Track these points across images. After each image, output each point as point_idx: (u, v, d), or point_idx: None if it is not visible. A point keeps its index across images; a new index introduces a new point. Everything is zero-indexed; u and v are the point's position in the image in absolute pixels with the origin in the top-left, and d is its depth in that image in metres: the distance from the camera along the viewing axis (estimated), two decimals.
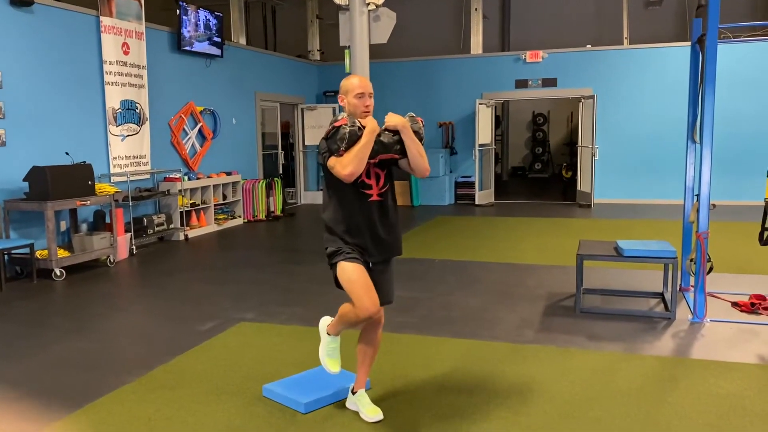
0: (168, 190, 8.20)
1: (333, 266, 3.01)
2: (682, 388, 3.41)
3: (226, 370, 3.79)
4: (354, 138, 2.85)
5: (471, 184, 11.85)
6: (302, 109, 12.37)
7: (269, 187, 10.34)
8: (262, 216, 10.19)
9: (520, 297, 5.33)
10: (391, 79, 12.45)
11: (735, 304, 4.93)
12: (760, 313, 4.73)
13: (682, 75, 11.08)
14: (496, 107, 13.81)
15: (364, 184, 2.97)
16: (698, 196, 4.56)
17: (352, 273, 2.92)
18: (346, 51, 7.13)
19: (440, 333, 4.41)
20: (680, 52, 11.15)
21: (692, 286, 5.38)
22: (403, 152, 2.97)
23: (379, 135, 2.91)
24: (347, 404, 3.25)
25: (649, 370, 3.68)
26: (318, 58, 13.14)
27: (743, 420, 3.03)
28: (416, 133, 2.97)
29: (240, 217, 9.88)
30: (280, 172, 11.81)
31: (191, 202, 8.72)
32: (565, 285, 5.70)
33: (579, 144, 11.83)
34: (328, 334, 3.16)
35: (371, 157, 2.89)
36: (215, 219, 9.25)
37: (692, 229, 5.37)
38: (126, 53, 7.82)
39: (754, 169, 10.82)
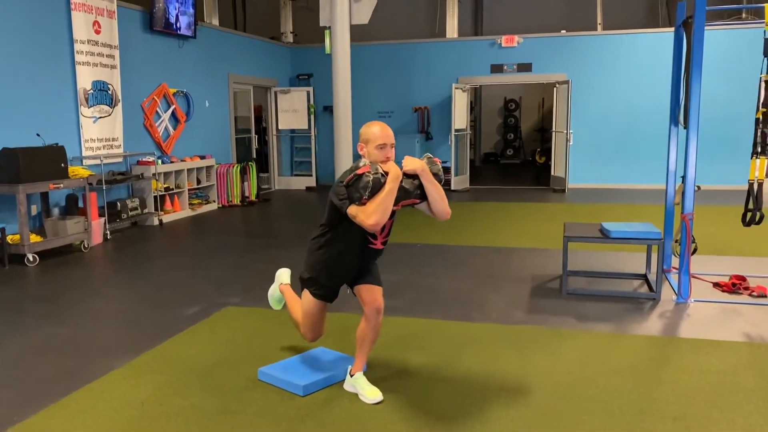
0: (142, 174, 8.00)
1: (302, 287, 3.24)
2: (675, 367, 3.45)
3: (216, 354, 3.72)
4: (378, 186, 2.78)
5: (446, 170, 11.84)
6: (275, 93, 12.19)
7: (243, 172, 10.18)
8: (236, 201, 10.03)
9: (505, 279, 5.34)
10: (366, 63, 12.34)
11: (716, 285, 5.02)
12: (741, 293, 4.82)
13: (654, 60, 11.23)
14: (469, 93, 13.81)
15: (373, 233, 2.96)
16: (684, 178, 4.61)
17: (311, 308, 3.21)
18: (327, 31, 7.03)
19: (431, 315, 4.39)
20: (653, 37, 11.28)
21: (674, 268, 5.46)
22: (423, 196, 2.94)
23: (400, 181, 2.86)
24: (345, 386, 3.21)
25: (640, 350, 3.72)
26: (291, 40, 12.95)
27: (737, 396, 3.08)
28: (435, 175, 2.93)
29: (214, 202, 9.71)
30: (253, 156, 11.65)
31: (165, 186, 8.53)
32: (547, 267, 5.73)
33: (553, 129, 11.91)
34: (280, 290, 3.65)
35: (393, 204, 2.85)
36: (189, 204, 9.08)
37: (674, 211, 5.46)
38: (97, 32, 7.58)
39: (725, 153, 11.03)
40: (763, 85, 4.43)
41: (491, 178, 13.84)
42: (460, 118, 11.80)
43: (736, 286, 4.89)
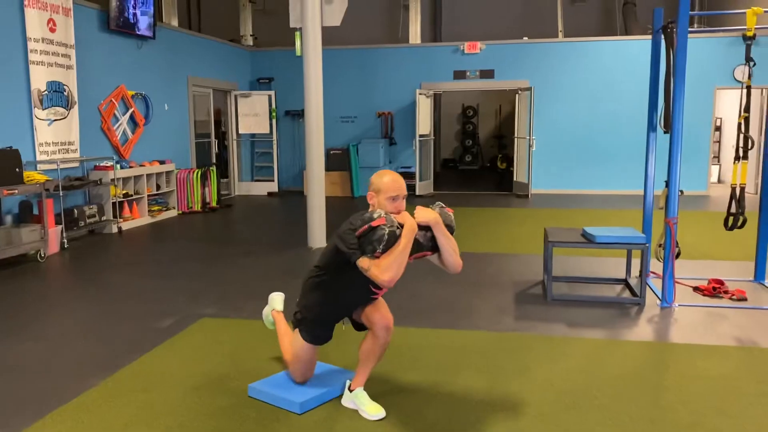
0: (100, 180, 7.64)
1: (295, 327, 3.08)
2: (675, 372, 3.41)
3: (199, 369, 3.49)
4: (393, 240, 2.65)
5: (411, 175, 11.76)
6: (236, 96, 11.90)
7: (204, 177, 9.87)
8: (197, 207, 9.70)
9: (486, 285, 5.26)
10: (329, 68, 12.11)
11: (696, 289, 5.04)
12: (722, 297, 4.86)
13: (614, 67, 11.41)
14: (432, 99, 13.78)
15: (375, 284, 2.84)
16: (667, 183, 4.61)
17: (304, 353, 3.03)
18: (297, 33, 6.84)
19: (419, 324, 4.26)
20: (613, 45, 11.48)
21: (653, 272, 5.48)
22: (435, 248, 2.83)
23: None
24: (344, 402, 3.04)
25: (637, 356, 3.67)
26: (251, 43, 12.67)
27: (743, 402, 3.04)
28: (448, 226, 2.82)
29: (174, 208, 9.37)
30: (214, 161, 11.32)
31: (124, 192, 8.17)
32: (526, 273, 5.68)
33: (515, 135, 11.98)
34: (272, 315, 3.51)
35: None
36: (149, 210, 8.72)
37: (653, 216, 5.49)
38: (52, 30, 7.20)
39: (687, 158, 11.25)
40: (744, 91, 4.47)
41: (453, 183, 13.83)
42: (424, 123, 11.75)
43: (716, 290, 4.92)
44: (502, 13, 14.34)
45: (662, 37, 5.08)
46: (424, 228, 2.78)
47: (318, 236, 6.87)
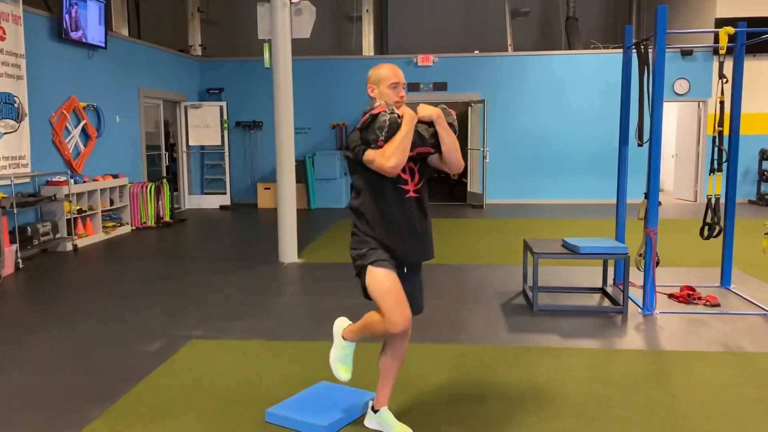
0: (54, 195, 7.27)
1: (362, 270, 2.75)
2: (679, 380, 3.51)
3: (205, 395, 3.36)
4: (395, 127, 2.63)
5: None
6: (185, 107, 11.60)
7: (158, 191, 9.55)
8: (151, 222, 9.38)
9: (469, 298, 5.29)
10: None
11: (671, 296, 5.23)
12: (696, 303, 5.06)
13: (561, 80, 11.76)
14: None
15: (400, 179, 2.75)
16: (647, 194, 4.77)
17: (384, 281, 2.68)
18: (266, 45, 6.74)
19: (416, 339, 4.24)
20: (559, 59, 11.83)
21: (630, 281, 5.64)
22: (437, 147, 2.78)
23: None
24: (367, 423, 2.99)
25: (636, 364, 3.76)
26: (200, 53, 12.40)
27: (751, 408, 3.16)
28: (450, 125, 2.79)
29: (128, 224, 9.02)
30: (165, 174, 10.99)
31: (78, 208, 7.81)
32: (504, 284, 5.75)
33: (469, 147, 12.16)
34: (344, 338, 2.92)
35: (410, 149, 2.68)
36: (103, 227, 8.37)
37: (625, 225, 5.67)
38: (2, 39, 6.83)
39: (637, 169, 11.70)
40: (718, 105, 4.69)
41: None
42: None
43: (690, 296, 5.12)
44: (448, 26, 14.54)
45: (633, 53, 5.26)
46: (427, 123, 2.74)
47: (290, 251, 6.75)
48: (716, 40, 9.71)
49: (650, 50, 4.98)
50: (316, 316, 4.81)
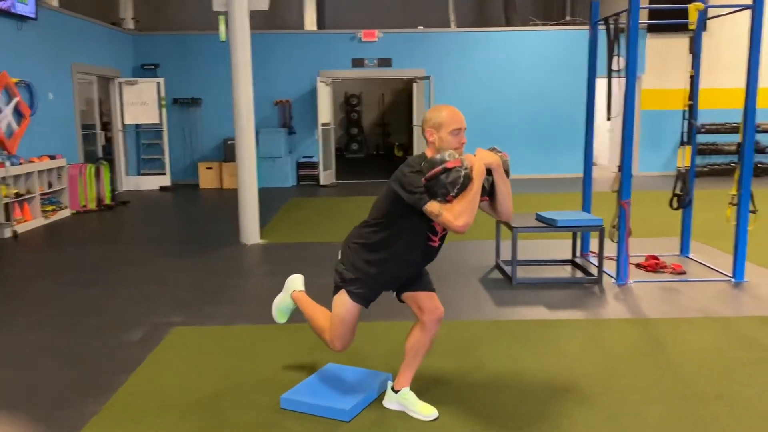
0: None
1: (339, 288, 2.83)
2: (672, 347, 3.63)
3: (206, 383, 3.21)
4: (467, 183, 2.53)
5: (313, 165, 11.58)
6: (120, 84, 11.01)
7: (97, 173, 9.05)
8: (92, 206, 8.89)
9: (447, 274, 5.29)
10: (221, 54, 11.59)
11: (638, 266, 5.41)
12: (664, 272, 5.25)
13: (503, 57, 11.87)
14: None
15: (434, 229, 2.72)
16: (621, 167, 4.89)
17: (349, 313, 2.81)
18: (221, 17, 6.45)
19: (404, 318, 4.19)
20: (503, 36, 11.95)
21: (592, 252, 5.80)
22: (490, 193, 2.74)
23: None
24: (387, 404, 2.93)
25: (628, 333, 3.87)
26: (132, 27, 11.77)
27: (746, 369, 3.30)
28: (505, 171, 2.74)
29: (67, 207, 8.52)
30: (101, 154, 10.43)
31: (15, 191, 7.30)
32: (477, 259, 5.79)
33: (414, 124, 12.15)
34: (292, 298, 3.19)
35: None
36: (42, 211, 7.86)
37: (592, 196, 5.81)
38: None
39: (566, 144, 12.04)
40: (689, 80, 4.84)
41: (351, 172, 13.74)
42: (325, 112, 11.58)
43: (658, 265, 5.31)
44: (387, 0, 14.42)
45: (599, 29, 5.35)
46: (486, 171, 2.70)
47: (252, 232, 6.56)
48: (651, 17, 9.99)
49: (620, 26, 5.08)
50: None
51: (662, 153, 12.08)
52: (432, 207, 2.53)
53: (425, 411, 2.82)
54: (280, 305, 3.24)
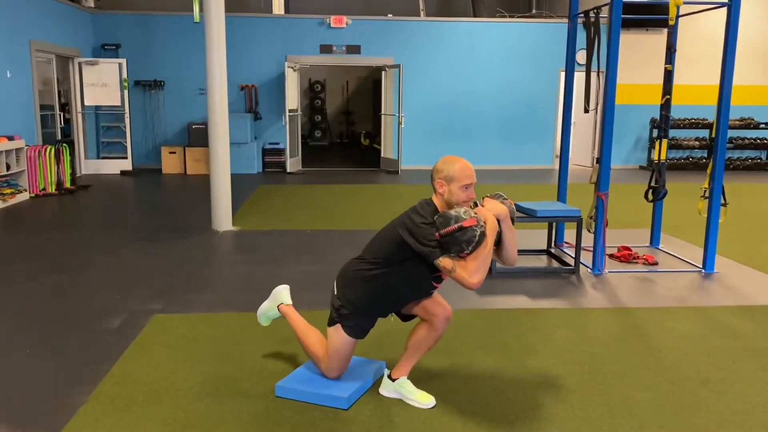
0: None
1: (336, 322, 2.85)
2: (654, 335, 3.72)
3: (194, 372, 3.14)
4: (482, 241, 2.54)
5: (279, 152, 11.44)
6: (80, 64, 10.64)
7: (57, 155, 8.75)
8: (51, 189, 8.59)
9: None
10: (185, 36, 11.33)
11: (612, 256, 5.52)
12: (636, 263, 5.37)
13: (471, 47, 11.93)
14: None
15: (440, 278, 2.77)
16: (599, 159, 4.96)
17: (345, 346, 2.86)
18: None
19: None
20: (470, 26, 11.99)
21: (567, 242, 5.89)
22: (497, 241, 2.74)
23: None
24: (383, 392, 2.92)
25: (610, 322, 3.94)
26: (92, 5, 11.37)
27: (727, 356, 3.40)
28: (512, 219, 2.75)
29: (26, 191, 8.21)
30: (60, 137, 10.08)
31: None
32: None
33: (382, 112, 12.10)
34: (280, 311, 3.21)
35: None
36: (0, 194, 7.56)
37: (566, 189, 5.88)
38: None
39: (531, 136, 12.20)
40: (665, 75, 4.93)
41: (316, 160, 13.63)
42: (293, 98, 11.44)
43: (631, 256, 5.43)
44: None
45: (578, 22, 5.41)
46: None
47: (224, 219, 6.44)
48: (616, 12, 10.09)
49: (599, 19, 5.14)
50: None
51: (624, 147, 12.33)
52: (445, 263, 2.56)
53: (423, 399, 2.82)
54: (267, 313, 3.29)
